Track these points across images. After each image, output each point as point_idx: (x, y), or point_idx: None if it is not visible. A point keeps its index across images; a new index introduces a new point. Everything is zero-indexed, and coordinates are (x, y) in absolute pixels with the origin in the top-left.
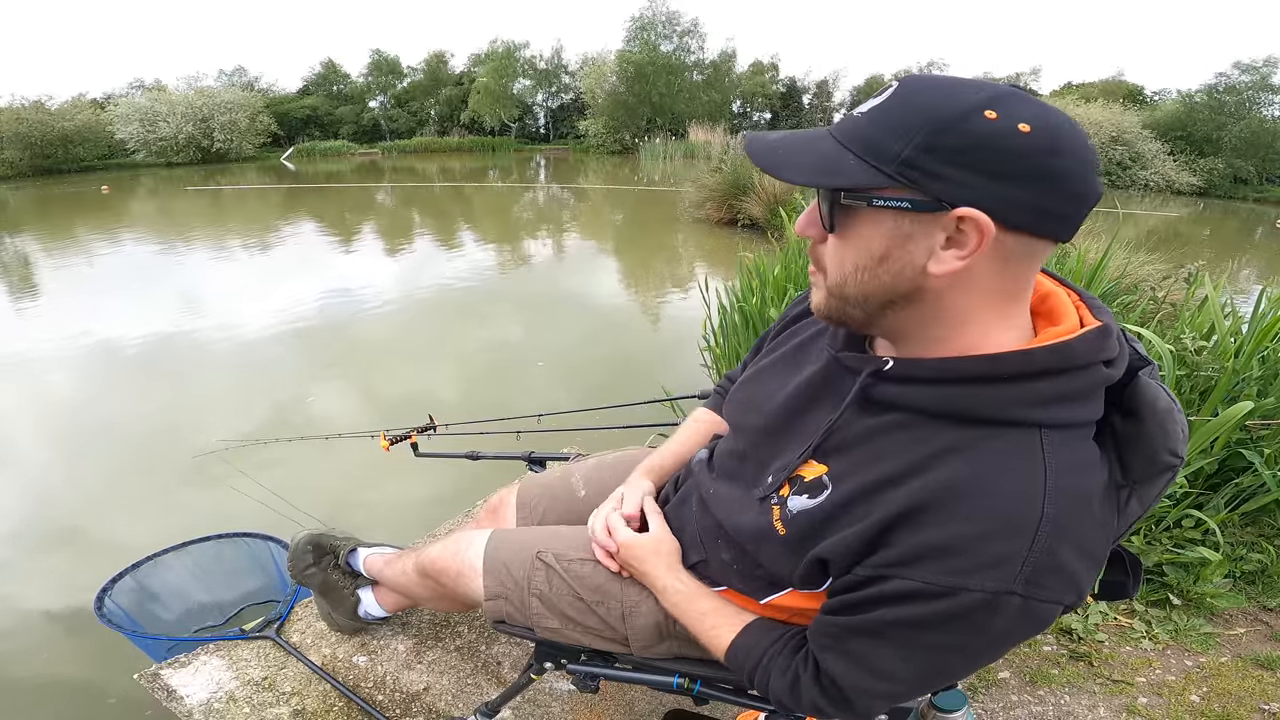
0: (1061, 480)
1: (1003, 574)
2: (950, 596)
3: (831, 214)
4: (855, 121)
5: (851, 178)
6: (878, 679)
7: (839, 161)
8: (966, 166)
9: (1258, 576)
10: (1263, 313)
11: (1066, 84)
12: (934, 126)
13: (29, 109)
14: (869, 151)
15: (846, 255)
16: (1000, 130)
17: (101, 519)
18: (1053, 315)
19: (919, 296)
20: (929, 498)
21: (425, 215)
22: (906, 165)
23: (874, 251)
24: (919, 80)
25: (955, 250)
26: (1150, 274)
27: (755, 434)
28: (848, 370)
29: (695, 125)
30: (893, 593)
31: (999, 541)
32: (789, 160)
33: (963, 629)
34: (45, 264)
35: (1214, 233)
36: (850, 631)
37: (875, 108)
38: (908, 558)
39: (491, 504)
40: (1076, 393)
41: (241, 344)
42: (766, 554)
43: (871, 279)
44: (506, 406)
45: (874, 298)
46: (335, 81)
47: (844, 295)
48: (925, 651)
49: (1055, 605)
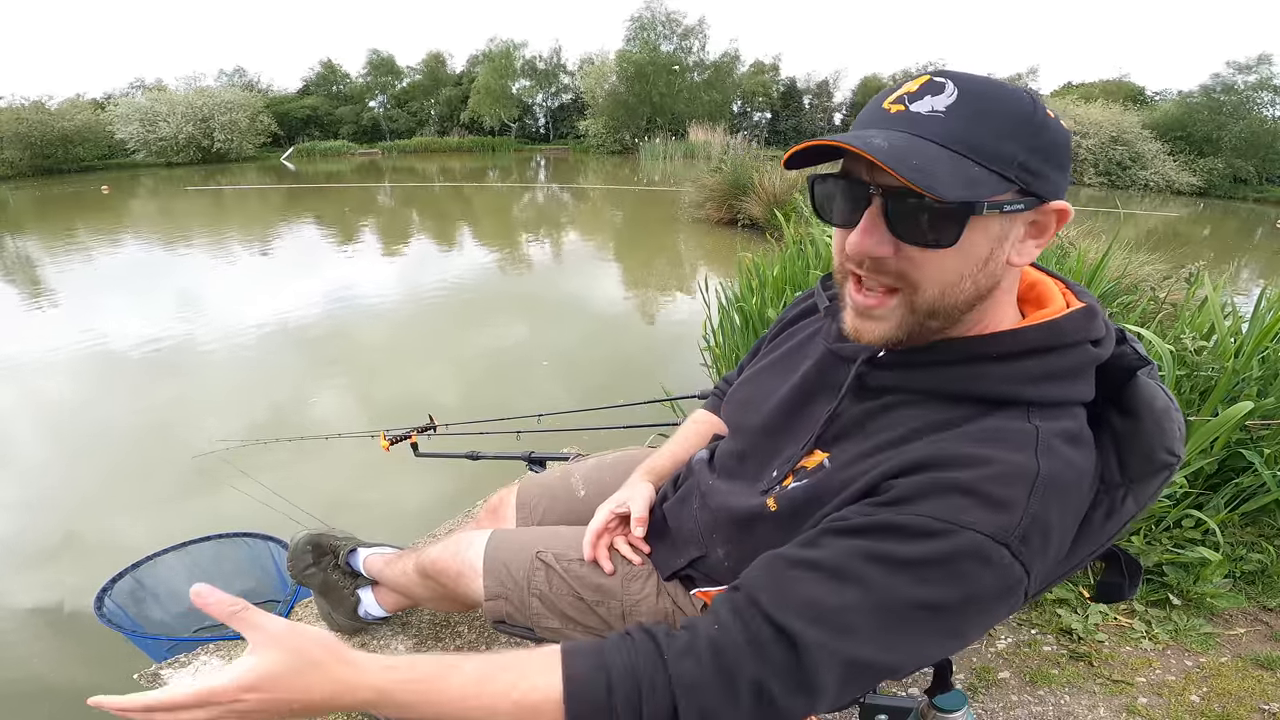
0: (1053, 444)
1: (1004, 520)
2: (944, 536)
3: (960, 226)
4: (936, 121)
5: (989, 187)
6: (833, 632)
7: (964, 170)
8: (1056, 163)
9: (1258, 576)
10: (1263, 313)
11: (1066, 84)
12: (1029, 128)
13: (29, 109)
14: (988, 157)
15: (953, 266)
16: (1058, 125)
17: (101, 519)
18: (1040, 301)
19: (991, 291)
20: (930, 452)
21: (425, 215)
22: (1023, 169)
23: (980, 256)
24: (968, 76)
25: (1035, 240)
26: (1150, 274)
27: (755, 434)
28: (842, 360)
29: (695, 125)
30: (876, 524)
31: (1003, 485)
32: (932, 171)
33: (945, 579)
34: (45, 264)
35: (1214, 233)
36: (803, 564)
37: (956, 107)
38: (907, 496)
39: (491, 504)
40: (1065, 370)
41: (241, 345)
42: (759, 536)
43: (972, 285)
44: (506, 407)
45: (965, 303)
46: (335, 81)
47: (937, 309)
48: (897, 603)
49: (1025, 574)
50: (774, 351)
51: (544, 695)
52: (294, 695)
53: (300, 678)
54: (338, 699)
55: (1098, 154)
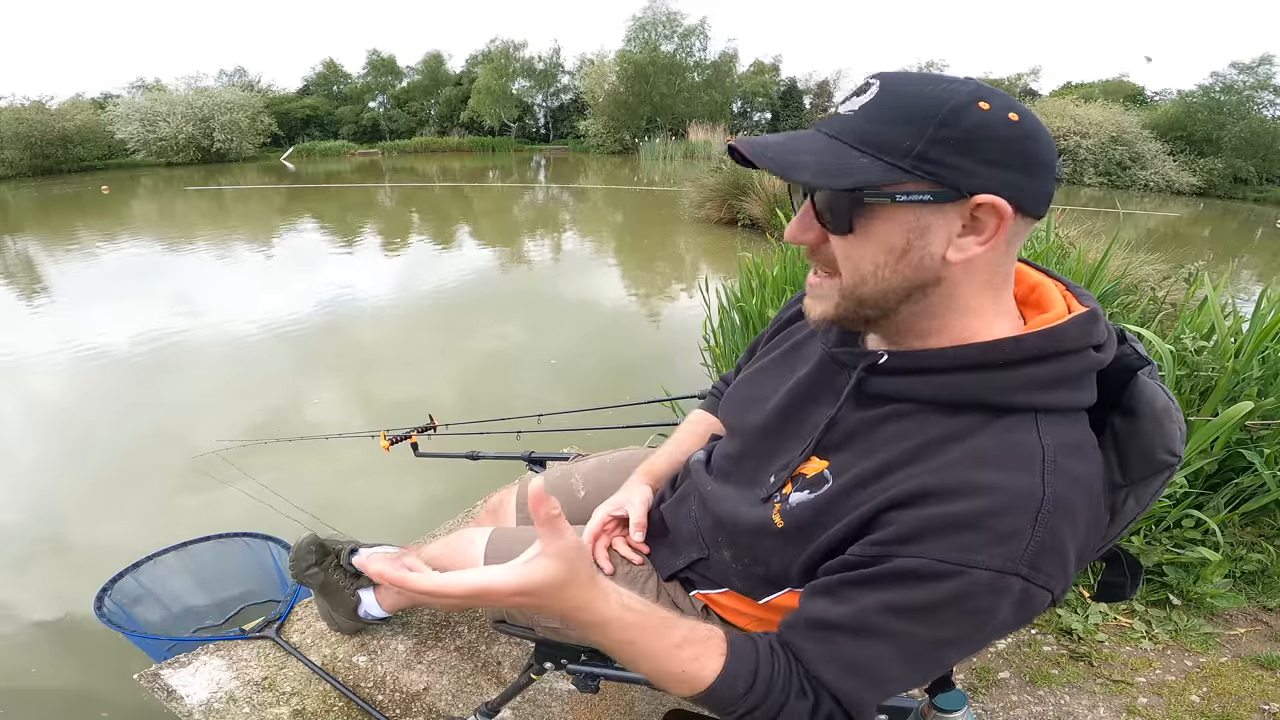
0: (1060, 460)
1: (1010, 550)
2: (954, 577)
3: (850, 214)
4: (847, 119)
5: (868, 175)
6: (872, 686)
7: (846, 159)
8: (975, 156)
9: (1258, 576)
10: (1263, 313)
11: (1066, 84)
12: (939, 119)
13: (29, 109)
14: (877, 147)
15: (864, 254)
16: (993, 120)
17: (100, 519)
18: (1041, 304)
19: (934, 287)
20: (931, 481)
21: (425, 215)
22: (920, 159)
23: (894, 247)
24: (900, 76)
25: (974, 237)
26: (1150, 274)
27: (753, 435)
28: (842, 366)
29: (695, 125)
30: (888, 573)
31: (1006, 517)
32: (801, 162)
33: (962, 617)
34: (45, 264)
35: (1214, 233)
36: (842, 628)
37: (868, 104)
38: (912, 533)
39: (492, 504)
40: (1068, 377)
41: (241, 345)
42: (764, 549)
43: (893, 274)
44: (506, 406)
45: (893, 293)
46: (335, 81)
47: (861, 296)
48: (921, 646)
49: (1046, 594)
50: (771, 352)
51: (701, 671)
52: (552, 602)
53: (566, 590)
54: (575, 614)
55: (1097, 154)
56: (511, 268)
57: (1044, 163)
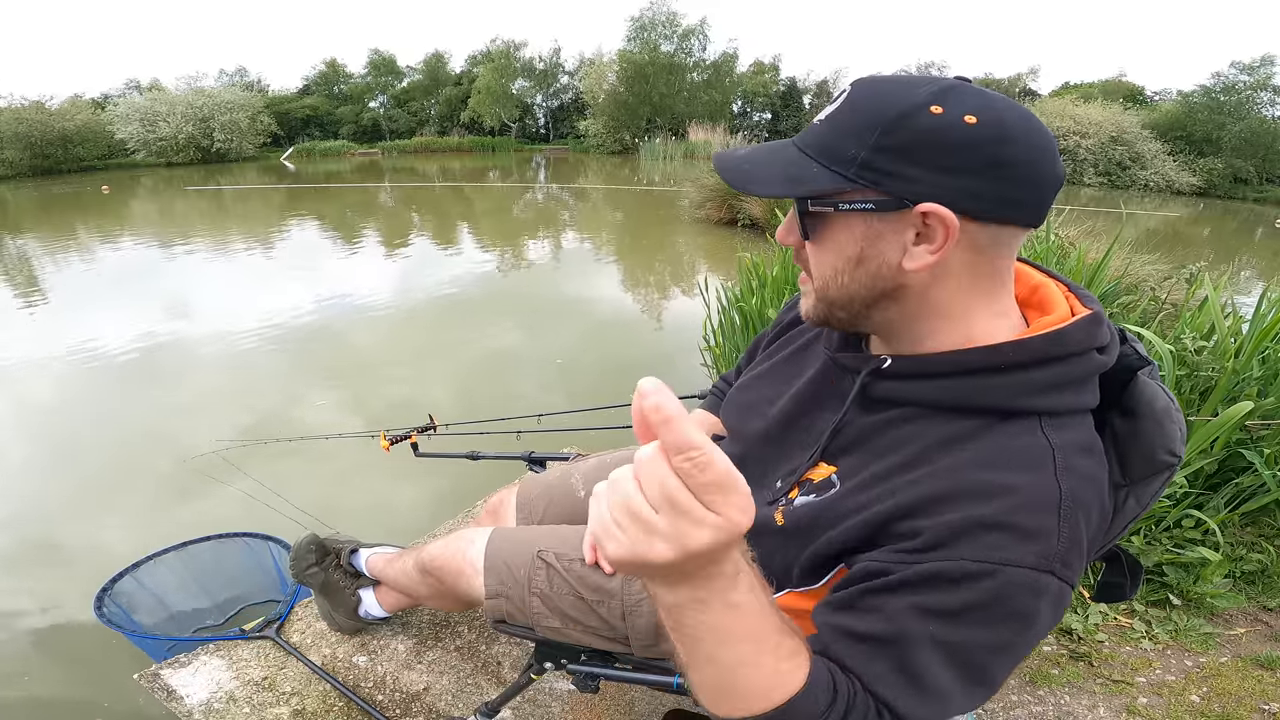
0: (1070, 459)
1: (1043, 548)
2: (990, 577)
3: (804, 222)
4: (815, 129)
5: (816, 184)
6: (928, 699)
7: (804, 170)
8: (919, 163)
9: (1258, 576)
10: (1263, 313)
11: (1066, 84)
12: (882, 126)
13: (29, 109)
14: (828, 157)
15: (825, 260)
16: (946, 124)
17: (99, 519)
18: (1044, 306)
19: (902, 293)
20: (944, 485)
21: (426, 216)
22: (863, 167)
23: (849, 254)
24: (870, 82)
25: (926, 245)
26: (1150, 274)
27: (756, 439)
28: (846, 370)
29: (695, 125)
30: (918, 576)
31: (1031, 515)
32: (756, 174)
33: (1003, 620)
34: (45, 264)
35: (1214, 233)
36: (880, 639)
37: (834, 112)
38: (939, 539)
39: (492, 504)
40: (1072, 379)
41: (241, 345)
42: (763, 548)
43: (851, 280)
44: (507, 406)
45: (858, 298)
46: (335, 81)
47: (829, 298)
48: (963, 651)
49: (1071, 590)
50: (772, 357)
51: (787, 679)
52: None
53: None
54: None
55: (1097, 154)
56: (511, 268)
57: (1012, 164)
